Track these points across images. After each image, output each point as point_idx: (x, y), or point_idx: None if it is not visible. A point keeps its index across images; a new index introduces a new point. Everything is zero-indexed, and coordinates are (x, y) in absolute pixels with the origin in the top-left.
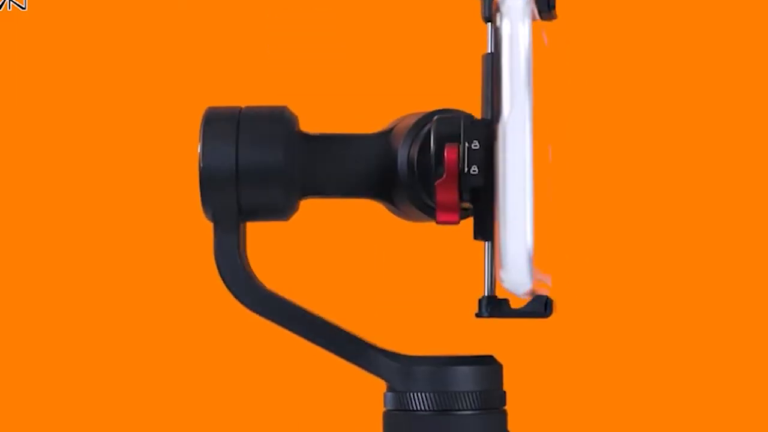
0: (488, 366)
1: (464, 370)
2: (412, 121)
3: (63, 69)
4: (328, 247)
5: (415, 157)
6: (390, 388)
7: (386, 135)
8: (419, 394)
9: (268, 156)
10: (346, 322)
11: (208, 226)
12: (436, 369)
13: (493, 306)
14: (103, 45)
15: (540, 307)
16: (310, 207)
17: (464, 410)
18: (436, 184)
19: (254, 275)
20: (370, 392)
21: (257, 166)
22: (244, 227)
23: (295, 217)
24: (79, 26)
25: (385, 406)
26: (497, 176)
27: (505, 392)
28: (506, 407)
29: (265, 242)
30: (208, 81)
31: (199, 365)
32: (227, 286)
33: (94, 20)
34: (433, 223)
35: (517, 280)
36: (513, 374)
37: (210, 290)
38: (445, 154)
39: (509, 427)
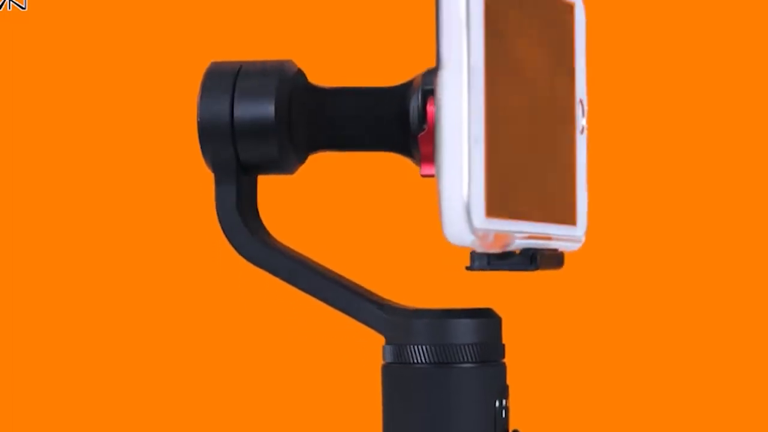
0: (487, 319)
1: (464, 322)
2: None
3: (63, 69)
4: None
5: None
6: (389, 341)
7: (405, 88)
8: (418, 346)
9: (260, 110)
10: (345, 274)
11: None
12: (435, 321)
13: (481, 259)
14: (103, 44)
15: (526, 260)
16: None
17: (463, 363)
18: (418, 137)
19: (258, 226)
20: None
21: (250, 119)
22: (253, 180)
23: (302, 170)
24: (79, 26)
25: (384, 359)
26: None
27: (504, 345)
28: (505, 360)
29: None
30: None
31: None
32: (226, 236)
33: (94, 20)
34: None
35: (452, 233)
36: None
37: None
38: (427, 107)
39: (508, 380)
